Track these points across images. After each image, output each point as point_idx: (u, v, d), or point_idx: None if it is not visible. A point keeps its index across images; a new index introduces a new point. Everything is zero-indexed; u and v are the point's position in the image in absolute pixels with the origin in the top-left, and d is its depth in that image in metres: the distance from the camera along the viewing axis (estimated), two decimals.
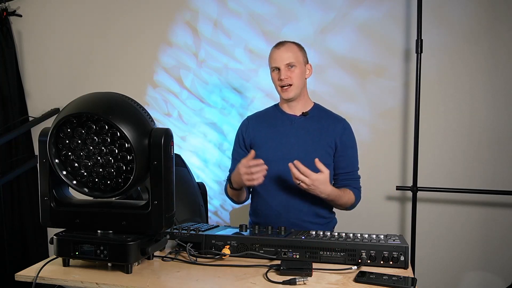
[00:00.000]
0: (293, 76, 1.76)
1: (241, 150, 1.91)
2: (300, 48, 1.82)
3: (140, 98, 2.34)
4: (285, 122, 1.84)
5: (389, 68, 2.45)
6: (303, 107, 1.85)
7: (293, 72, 1.76)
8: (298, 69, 1.77)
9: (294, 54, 1.77)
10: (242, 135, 1.91)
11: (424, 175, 2.31)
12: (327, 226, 1.85)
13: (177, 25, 2.84)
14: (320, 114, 1.86)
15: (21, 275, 1.25)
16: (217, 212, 2.86)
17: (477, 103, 2.32)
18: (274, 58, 1.78)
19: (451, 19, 2.33)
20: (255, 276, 1.21)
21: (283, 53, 1.76)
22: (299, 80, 1.78)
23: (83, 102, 1.20)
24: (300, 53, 1.80)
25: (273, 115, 1.89)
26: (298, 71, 1.77)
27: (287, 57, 1.76)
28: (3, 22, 3.05)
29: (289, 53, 1.76)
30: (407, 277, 1.16)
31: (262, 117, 1.92)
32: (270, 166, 1.80)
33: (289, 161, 1.77)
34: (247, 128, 1.90)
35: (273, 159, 1.79)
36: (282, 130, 1.83)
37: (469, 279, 2.39)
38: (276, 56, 1.77)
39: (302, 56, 1.81)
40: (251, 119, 1.93)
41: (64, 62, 3.11)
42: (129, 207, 1.27)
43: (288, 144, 1.80)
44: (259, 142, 1.86)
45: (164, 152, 1.19)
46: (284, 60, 1.76)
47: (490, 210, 2.33)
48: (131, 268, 1.24)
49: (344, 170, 1.82)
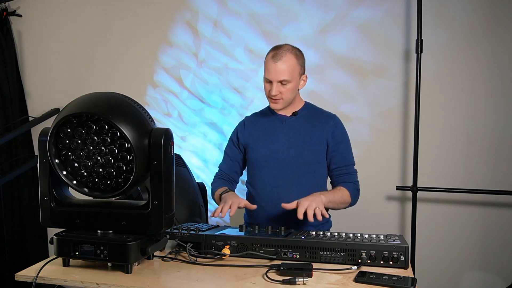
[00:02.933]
0: (284, 91, 1.71)
1: (235, 148, 1.93)
2: (298, 59, 1.71)
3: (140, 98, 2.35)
4: (276, 123, 1.85)
5: (389, 68, 2.45)
6: (294, 107, 1.85)
7: (285, 87, 1.70)
8: (291, 84, 1.70)
9: (290, 68, 1.68)
10: (237, 134, 1.93)
11: (424, 175, 2.31)
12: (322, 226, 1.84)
13: (177, 25, 2.84)
14: (310, 112, 1.86)
15: (21, 275, 1.25)
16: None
17: (477, 103, 2.32)
18: (269, 70, 1.70)
19: (451, 19, 2.33)
20: (255, 276, 1.21)
21: (279, 67, 1.67)
22: (289, 95, 1.74)
23: (83, 102, 1.20)
24: (298, 66, 1.71)
25: (266, 117, 1.90)
26: (291, 86, 1.71)
27: (282, 74, 1.67)
28: (3, 22, 3.05)
29: (285, 67, 1.67)
30: (407, 277, 1.16)
31: (257, 118, 1.93)
32: (262, 167, 1.83)
33: (280, 161, 1.78)
34: (242, 129, 1.92)
35: (265, 160, 1.82)
36: (273, 131, 1.84)
37: (469, 279, 2.39)
38: (272, 70, 1.68)
39: (299, 68, 1.72)
40: (248, 120, 1.95)
41: (64, 62, 3.11)
42: (129, 207, 1.27)
43: (278, 144, 1.81)
44: (252, 143, 1.87)
45: (164, 152, 1.19)
46: (278, 76, 1.68)
47: (490, 210, 2.33)
48: (131, 268, 1.24)
49: (337, 165, 1.80)
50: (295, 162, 1.78)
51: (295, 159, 1.78)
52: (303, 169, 1.78)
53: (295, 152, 1.78)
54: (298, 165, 1.78)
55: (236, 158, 1.92)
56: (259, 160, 1.84)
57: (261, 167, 1.83)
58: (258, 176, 1.84)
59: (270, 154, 1.81)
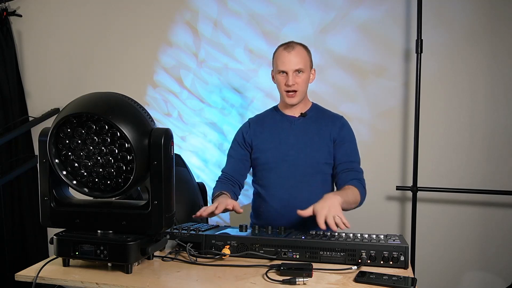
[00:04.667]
0: (299, 82, 1.74)
1: (241, 148, 1.90)
2: (308, 52, 1.79)
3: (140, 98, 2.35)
4: (284, 124, 1.84)
5: (389, 68, 2.45)
6: (302, 108, 1.85)
7: (300, 78, 1.74)
8: (305, 75, 1.75)
9: (303, 59, 1.73)
10: (243, 135, 1.90)
11: (424, 175, 2.31)
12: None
13: (177, 25, 2.84)
14: (318, 114, 1.86)
15: (21, 275, 1.25)
16: None
17: (477, 103, 2.32)
18: (283, 61, 1.72)
19: (451, 19, 2.33)
20: (255, 276, 1.21)
21: (293, 57, 1.71)
22: (305, 87, 1.77)
23: (83, 102, 1.20)
24: (308, 58, 1.77)
25: (273, 118, 1.89)
26: (305, 76, 1.75)
27: (297, 62, 1.71)
28: (3, 22, 3.05)
29: (299, 58, 1.72)
30: (407, 277, 1.16)
31: (262, 120, 1.92)
32: (272, 168, 1.82)
33: (289, 162, 1.77)
34: (248, 130, 1.90)
35: (274, 161, 1.81)
36: (281, 132, 1.83)
37: (469, 279, 2.39)
38: (286, 60, 1.72)
39: (310, 61, 1.79)
40: (252, 122, 1.93)
41: (64, 62, 3.11)
42: (129, 207, 1.27)
43: (287, 146, 1.80)
44: (259, 145, 1.85)
45: (164, 152, 1.19)
46: (293, 65, 1.71)
47: (490, 210, 2.33)
48: (131, 268, 1.24)
49: (341, 161, 1.77)
50: (304, 163, 1.77)
51: (305, 160, 1.77)
52: (313, 169, 1.77)
53: (305, 153, 1.77)
54: (308, 165, 1.77)
55: (242, 159, 1.89)
56: (268, 162, 1.82)
57: (270, 168, 1.82)
58: (267, 177, 1.83)
59: (279, 155, 1.80)
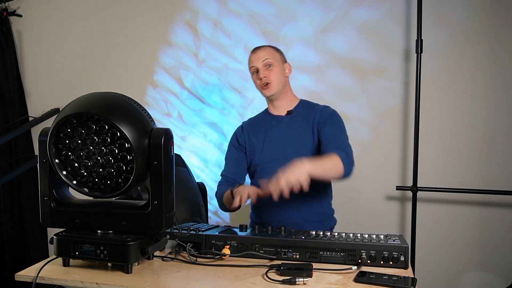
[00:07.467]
0: (271, 74, 1.79)
1: (237, 150, 1.93)
2: (276, 49, 1.86)
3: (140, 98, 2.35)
4: (272, 124, 1.87)
5: (389, 68, 2.45)
6: (288, 105, 1.87)
7: (272, 71, 1.80)
8: (276, 68, 1.80)
9: (271, 54, 1.82)
10: (237, 138, 1.94)
11: (424, 175, 2.30)
12: (328, 223, 1.86)
13: (177, 25, 2.84)
14: (306, 109, 1.87)
15: (21, 275, 1.25)
16: (217, 212, 2.86)
17: (477, 103, 2.32)
18: (252, 60, 1.83)
19: (451, 19, 2.33)
20: (255, 276, 1.21)
21: (259, 53, 1.82)
22: (279, 78, 1.81)
23: (83, 102, 1.20)
24: (277, 53, 1.85)
25: (264, 119, 1.92)
26: (277, 69, 1.81)
27: (263, 56, 1.80)
28: (3, 22, 3.05)
29: (265, 52, 1.81)
30: (407, 277, 1.16)
31: (254, 122, 1.95)
32: (264, 169, 1.84)
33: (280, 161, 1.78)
34: (241, 133, 1.94)
35: (266, 161, 1.84)
36: (270, 132, 1.86)
37: (469, 279, 2.39)
38: (253, 58, 1.83)
39: (279, 55, 1.85)
40: (245, 125, 1.97)
41: (64, 62, 3.11)
42: (129, 207, 1.27)
43: (277, 145, 1.83)
44: (252, 148, 1.89)
45: (164, 152, 1.19)
46: (260, 59, 1.80)
47: (490, 210, 2.33)
48: (131, 268, 1.24)
49: (326, 141, 1.73)
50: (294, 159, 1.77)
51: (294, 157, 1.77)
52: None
53: (293, 150, 1.78)
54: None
55: (240, 160, 1.92)
56: (261, 162, 1.85)
57: (263, 169, 1.84)
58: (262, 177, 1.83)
59: (270, 155, 1.83)
